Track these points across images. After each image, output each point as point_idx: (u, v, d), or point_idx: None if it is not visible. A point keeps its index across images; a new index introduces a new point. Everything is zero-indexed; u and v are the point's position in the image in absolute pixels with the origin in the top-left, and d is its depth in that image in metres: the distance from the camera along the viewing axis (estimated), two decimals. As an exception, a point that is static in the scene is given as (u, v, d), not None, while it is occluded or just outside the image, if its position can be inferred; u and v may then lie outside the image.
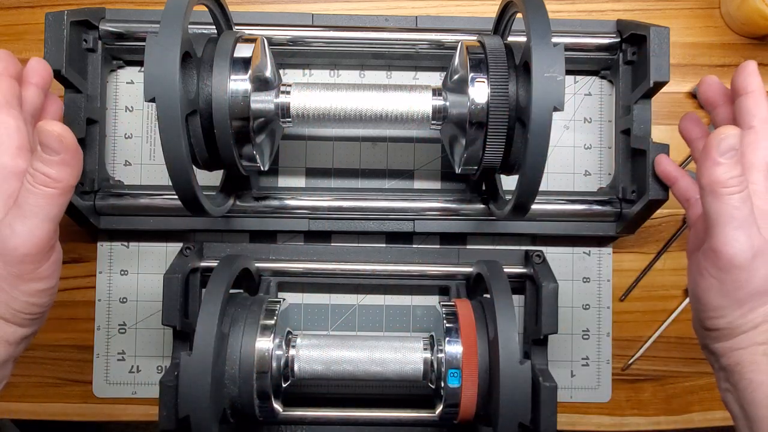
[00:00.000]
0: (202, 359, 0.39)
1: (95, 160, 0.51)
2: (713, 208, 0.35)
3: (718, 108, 0.43)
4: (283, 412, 0.46)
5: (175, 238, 0.54)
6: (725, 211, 0.35)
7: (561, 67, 0.37)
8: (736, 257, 0.35)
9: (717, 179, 0.35)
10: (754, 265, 0.36)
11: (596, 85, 0.55)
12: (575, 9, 0.56)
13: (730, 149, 0.34)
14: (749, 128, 0.38)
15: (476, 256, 0.53)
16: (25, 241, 0.35)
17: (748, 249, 0.35)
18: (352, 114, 0.44)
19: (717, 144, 0.34)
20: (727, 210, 0.35)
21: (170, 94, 0.36)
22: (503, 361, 0.40)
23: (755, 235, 0.35)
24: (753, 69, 0.39)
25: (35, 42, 0.54)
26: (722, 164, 0.34)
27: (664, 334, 0.55)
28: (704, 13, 0.56)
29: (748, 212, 0.35)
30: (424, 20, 0.52)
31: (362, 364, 0.45)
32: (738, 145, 0.35)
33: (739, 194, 0.35)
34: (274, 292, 0.52)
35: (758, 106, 0.38)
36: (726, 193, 0.35)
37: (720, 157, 0.34)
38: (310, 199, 0.52)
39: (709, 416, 0.55)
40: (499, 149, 0.43)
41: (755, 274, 0.36)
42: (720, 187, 0.35)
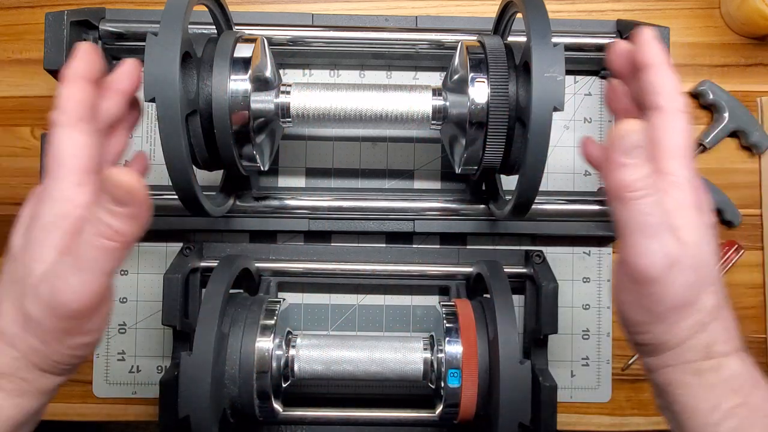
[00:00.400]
0: (202, 359, 0.39)
1: (95, 160, 0.51)
2: (622, 215, 0.31)
3: (628, 79, 0.37)
4: (283, 412, 0.46)
5: (175, 238, 0.54)
6: (635, 218, 0.31)
7: (561, 67, 0.37)
8: (649, 270, 0.31)
9: (622, 183, 0.30)
10: (671, 277, 0.31)
11: (596, 85, 0.55)
12: (575, 9, 0.56)
13: (634, 147, 0.30)
14: (656, 108, 0.33)
15: (476, 256, 0.53)
16: (79, 296, 0.31)
17: (662, 259, 0.31)
18: (352, 114, 0.44)
19: (618, 143, 0.30)
20: (637, 217, 0.30)
21: (170, 94, 0.36)
22: (503, 361, 0.40)
23: (670, 243, 0.31)
24: (650, 37, 0.34)
25: (35, 42, 0.54)
26: (627, 165, 0.30)
27: (664, 334, 0.55)
28: (704, 13, 0.56)
29: (661, 217, 0.31)
30: (424, 20, 0.52)
31: (362, 364, 0.45)
32: (643, 140, 0.30)
33: (650, 198, 0.30)
34: (274, 292, 0.52)
35: (663, 82, 0.33)
36: (634, 198, 0.30)
37: (623, 157, 0.30)
38: (310, 199, 0.52)
39: (709, 416, 0.55)
40: (499, 149, 0.43)
41: (673, 286, 0.31)
42: (627, 192, 0.30)
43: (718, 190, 0.55)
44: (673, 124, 0.32)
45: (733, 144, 0.56)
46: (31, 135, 0.54)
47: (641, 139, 0.30)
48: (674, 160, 0.32)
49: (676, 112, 0.33)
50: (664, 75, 0.33)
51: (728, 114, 0.54)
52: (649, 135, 0.32)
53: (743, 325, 0.55)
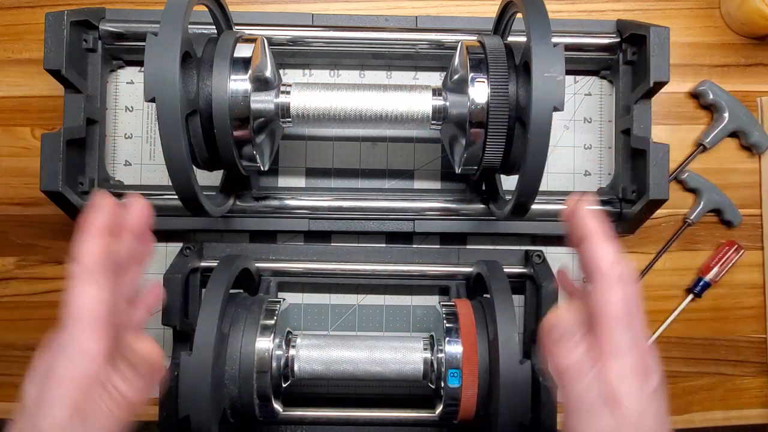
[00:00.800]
0: (202, 359, 0.39)
1: (95, 160, 0.51)
2: (563, 393, 0.33)
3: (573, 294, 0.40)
4: (283, 412, 0.46)
5: (175, 238, 0.54)
6: (574, 397, 0.32)
7: (561, 67, 0.37)
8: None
9: (559, 367, 0.33)
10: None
11: (596, 85, 0.55)
12: (575, 9, 0.56)
13: (564, 334, 0.33)
14: (595, 279, 0.34)
15: (476, 256, 0.53)
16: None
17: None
18: (352, 114, 0.44)
19: (549, 331, 0.33)
20: (576, 396, 0.32)
21: (170, 94, 0.36)
22: (503, 361, 0.40)
23: (607, 420, 0.32)
24: (585, 211, 0.36)
25: (35, 42, 0.54)
26: (559, 352, 0.33)
27: (664, 334, 0.55)
28: (704, 13, 0.56)
29: (600, 394, 0.32)
30: (424, 20, 0.52)
31: (362, 364, 0.45)
32: (572, 327, 0.33)
33: (586, 379, 0.32)
34: (274, 292, 0.52)
35: (599, 252, 0.34)
36: (571, 381, 0.32)
37: (556, 344, 0.33)
38: (310, 199, 0.52)
39: (709, 416, 0.55)
40: (499, 149, 0.43)
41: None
42: (564, 375, 0.32)
43: (718, 190, 0.55)
44: (611, 293, 0.33)
45: (733, 144, 0.56)
46: (31, 135, 0.54)
47: (571, 325, 0.33)
48: (615, 329, 0.33)
49: (613, 281, 0.33)
50: (600, 246, 0.34)
51: (728, 114, 0.54)
52: (594, 305, 0.34)
53: (743, 325, 0.56)
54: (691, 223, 0.55)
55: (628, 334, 0.33)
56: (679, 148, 0.55)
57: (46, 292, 0.54)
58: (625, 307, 0.33)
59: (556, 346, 0.33)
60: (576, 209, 0.36)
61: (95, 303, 0.33)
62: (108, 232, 0.35)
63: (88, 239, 0.34)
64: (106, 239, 0.35)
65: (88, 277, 0.34)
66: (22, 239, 0.54)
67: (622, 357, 0.33)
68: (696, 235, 0.56)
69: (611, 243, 0.35)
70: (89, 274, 0.34)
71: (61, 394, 0.32)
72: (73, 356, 0.32)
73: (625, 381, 0.32)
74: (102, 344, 0.33)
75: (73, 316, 0.33)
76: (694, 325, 0.56)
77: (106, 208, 0.35)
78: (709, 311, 0.56)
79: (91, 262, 0.34)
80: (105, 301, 0.34)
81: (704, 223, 0.56)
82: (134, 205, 0.37)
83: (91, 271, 0.34)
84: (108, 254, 0.35)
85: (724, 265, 0.54)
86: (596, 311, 0.34)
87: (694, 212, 0.55)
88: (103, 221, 0.35)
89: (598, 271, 0.34)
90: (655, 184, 0.47)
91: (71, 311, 0.33)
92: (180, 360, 0.39)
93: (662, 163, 0.47)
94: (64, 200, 0.47)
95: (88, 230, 0.34)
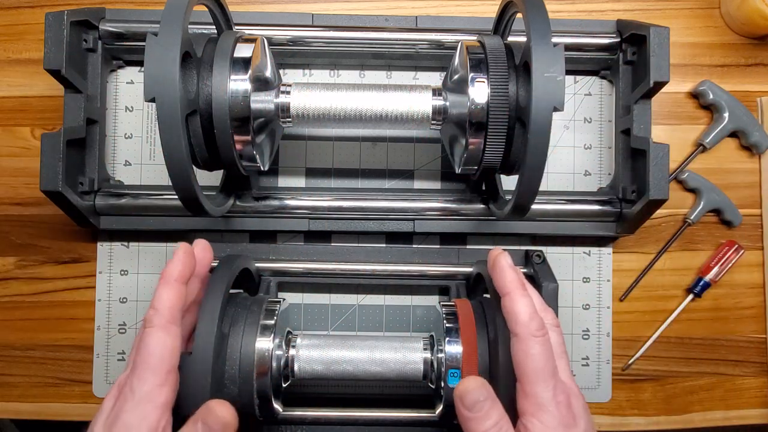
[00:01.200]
0: (202, 359, 0.39)
1: (95, 160, 0.51)
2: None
3: None
4: (283, 412, 0.46)
5: (175, 238, 0.54)
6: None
7: (561, 67, 0.37)
8: None
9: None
10: None
11: (596, 85, 0.55)
12: (575, 9, 0.56)
13: (474, 402, 0.34)
14: (514, 336, 0.36)
15: (476, 256, 0.53)
16: None
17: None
18: (352, 114, 0.44)
19: (460, 400, 0.34)
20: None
21: (170, 94, 0.36)
22: (503, 361, 0.40)
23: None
24: (503, 265, 0.38)
25: (35, 42, 0.54)
26: (472, 419, 0.34)
27: (664, 334, 0.55)
28: (704, 13, 0.56)
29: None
30: (424, 20, 0.52)
31: (362, 364, 0.45)
32: (483, 394, 0.34)
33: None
34: (274, 292, 0.52)
35: (517, 309, 0.36)
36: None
37: (469, 411, 0.34)
38: (310, 199, 0.52)
39: (709, 416, 0.55)
40: (499, 149, 0.43)
41: None
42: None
43: (718, 190, 0.55)
44: (529, 350, 0.35)
45: (733, 144, 0.56)
46: (31, 135, 0.54)
47: (481, 393, 0.34)
48: (535, 384, 0.34)
49: (529, 337, 0.35)
50: (518, 302, 0.36)
51: (728, 114, 0.54)
52: (513, 359, 0.35)
53: (743, 325, 0.56)
54: (691, 223, 0.55)
55: (550, 385, 0.34)
56: (679, 148, 0.55)
57: (46, 292, 0.54)
58: (543, 360, 0.35)
59: (468, 414, 0.34)
60: (495, 263, 0.37)
61: (167, 352, 0.35)
62: (185, 284, 0.37)
63: (165, 287, 0.36)
64: (182, 288, 0.37)
65: (162, 325, 0.35)
66: (22, 239, 0.54)
67: (544, 411, 0.34)
68: (696, 235, 0.56)
69: (528, 297, 0.36)
70: (163, 322, 0.35)
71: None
72: (141, 404, 0.34)
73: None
74: (170, 394, 0.35)
75: (145, 363, 0.34)
76: (694, 325, 0.56)
77: (186, 258, 0.37)
78: (709, 311, 0.56)
79: (167, 311, 0.36)
80: (177, 351, 0.36)
81: (704, 223, 0.56)
82: (200, 248, 0.39)
83: (166, 319, 0.35)
84: (182, 304, 0.37)
85: (724, 265, 0.54)
86: (517, 365, 0.35)
87: (694, 212, 0.55)
88: (182, 272, 0.37)
89: (517, 325, 0.36)
90: (655, 184, 0.47)
91: (144, 358, 0.35)
92: (180, 360, 0.39)
93: (662, 163, 0.47)
94: (64, 200, 0.47)
95: (167, 279, 0.36)
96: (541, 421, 0.34)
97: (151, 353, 0.35)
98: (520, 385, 0.35)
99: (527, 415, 0.34)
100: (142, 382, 0.34)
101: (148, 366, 0.34)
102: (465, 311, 0.45)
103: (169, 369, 0.35)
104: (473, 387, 0.34)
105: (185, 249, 0.37)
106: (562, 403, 0.35)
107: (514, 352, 0.36)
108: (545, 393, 0.34)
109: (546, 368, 0.35)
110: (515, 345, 0.36)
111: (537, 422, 0.34)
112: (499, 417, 0.34)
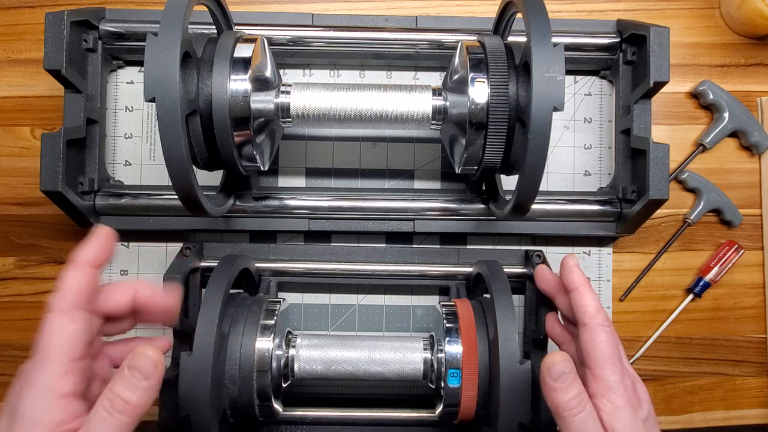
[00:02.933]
0: (202, 359, 0.39)
1: (95, 160, 0.51)
2: (562, 427, 0.36)
3: (556, 297, 0.45)
4: (283, 412, 0.46)
5: (175, 238, 0.54)
6: (571, 430, 0.35)
7: (561, 67, 0.37)
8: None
9: (557, 404, 0.35)
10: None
11: (596, 85, 0.55)
12: (575, 9, 0.56)
13: (560, 374, 0.35)
14: (583, 325, 0.39)
15: (476, 256, 0.53)
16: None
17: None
18: (352, 114, 0.44)
19: (547, 371, 0.35)
20: (573, 429, 0.35)
21: (170, 94, 0.36)
22: (503, 361, 0.40)
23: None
24: (572, 265, 0.41)
25: (35, 42, 0.54)
26: (558, 389, 0.35)
27: (664, 334, 0.55)
28: (704, 13, 0.56)
29: (594, 428, 0.35)
30: (424, 20, 0.52)
31: (362, 364, 0.45)
32: (568, 367, 0.35)
33: (581, 414, 0.35)
34: (274, 292, 0.52)
35: (585, 302, 0.39)
36: (569, 416, 0.35)
37: (554, 382, 0.35)
38: (310, 199, 0.52)
39: (709, 416, 0.55)
40: (499, 149, 0.43)
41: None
42: (562, 411, 0.35)
43: (718, 190, 0.55)
44: (598, 337, 0.38)
45: (733, 144, 0.56)
46: (31, 135, 0.54)
47: (566, 366, 0.35)
48: (604, 368, 0.37)
49: (598, 326, 0.38)
50: (586, 296, 0.40)
51: (728, 114, 0.54)
52: (582, 346, 0.38)
53: (743, 325, 0.56)
54: (691, 223, 0.55)
55: (618, 370, 0.37)
56: (679, 148, 0.55)
57: (46, 292, 0.54)
58: (611, 347, 0.38)
59: (553, 384, 0.35)
60: (564, 264, 0.42)
61: (69, 337, 0.32)
62: (97, 266, 0.34)
63: (74, 270, 0.34)
64: (93, 273, 0.34)
65: (65, 310, 0.33)
66: (22, 239, 0.54)
67: (613, 392, 0.36)
68: (696, 235, 0.56)
69: (594, 292, 0.40)
70: (67, 306, 0.33)
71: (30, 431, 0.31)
72: (41, 395, 0.31)
73: (618, 414, 0.36)
74: (77, 384, 0.32)
75: (45, 351, 0.32)
76: (694, 325, 0.56)
77: (104, 243, 0.35)
78: (709, 311, 0.56)
79: (71, 295, 0.33)
80: (80, 335, 0.33)
81: (704, 223, 0.56)
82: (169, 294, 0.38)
83: (69, 303, 0.33)
84: (92, 292, 0.34)
85: (724, 265, 0.54)
86: (586, 352, 0.38)
87: (694, 212, 0.55)
88: (92, 254, 0.34)
89: (586, 316, 0.39)
90: (655, 184, 0.47)
91: (43, 344, 0.32)
92: (180, 360, 0.39)
93: (662, 163, 0.47)
94: (64, 200, 0.47)
95: (75, 262, 0.34)
96: (611, 401, 0.36)
97: (52, 340, 0.32)
98: (590, 370, 0.37)
99: (597, 396, 0.36)
100: (41, 371, 0.32)
101: (48, 354, 0.32)
102: (465, 311, 0.45)
103: (74, 357, 0.32)
104: (560, 360, 0.35)
105: (105, 232, 0.35)
106: (629, 386, 0.37)
107: (584, 341, 0.38)
108: (613, 376, 0.37)
109: (614, 354, 0.37)
110: (584, 334, 0.38)
111: (608, 402, 0.36)
112: (580, 389, 0.36)
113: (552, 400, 0.36)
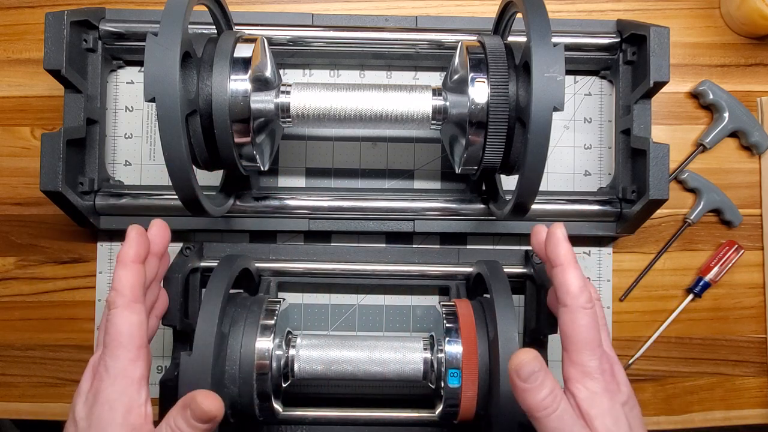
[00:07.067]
0: (202, 359, 0.39)
1: (95, 160, 0.51)
2: (538, 428, 0.34)
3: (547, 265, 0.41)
4: (283, 412, 0.46)
5: (175, 238, 0.54)
6: (549, 428, 0.34)
7: (561, 67, 0.37)
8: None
9: (530, 405, 0.34)
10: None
11: (596, 85, 0.55)
12: (575, 9, 0.56)
13: (530, 374, 0.34)
14: (564, 306, 0.37)
15: (476, 256, 0.53)
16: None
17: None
18: (352, 114, 0.44)
19: (516, 373, 0.34)
20: (551, 428, 0.34)
21: (170, 94, 0.36)
22: (503, 361, 0.40)
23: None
24: (559, 236, 0.38)
25: (35, 42, 0.54)
26: (528, 390, 0.34)
27: (664, 334, 0.55)
28: (704, 13, 0.56)
29: (571, 420, 0.34)
30: (424, 20, 0.52)
31: (362, 364, 0.45)
32: (537, 365, 0.34)
33: (555, 412, 0.34)
34: (274, 292, 0.52)
35: (568, 281, 0.37)
36: (543, 416, 0.34)
37: (524, 383, 0.34)
38: (310, 199, 0.52)
39: (709, 416, 0.55)
40: (499, 149, 0.43)
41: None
42: (535, 412, 0.34)
43: (718, 190, 0.55)
44: (578, 320, 0.36)
45: (733, 144, 0.56)
46: (31, 135, 0.54)
47: (535, 365, 0.34)
48: (582, 352, 0.36)
49: (579, 309, 0.36)
50: (570, 273, 0.37)
51: (728, 114, 0.54)
52: (561, 328, 0.37)
53: (743, 325, 0.56)
54: (691, 223, 0.55)
55: (596, 354, 0.36)
56: (679, 148, 0.55)
57: (46, 292, 0.54)
58: (591, 331, 0.36)
59: (524, 386, 0.34)
60: (551, 234, 0.38)
61: (135, 329, 0.36)
62: (141, 261, 0.38)
63: (123, 269, 0.37)
64: (140, 268, 0.38)
65: (126, 305, 0.36)
66: (22, 239, 0.54)
67: (590, 378, 0.35)
68: (696, 235, 0.56)
69: (579, 270, 0.38)
70: (127, 301, 0.36)
71: (113, 416, 0.34)
72: (117, 380, 0.35)
73: (595, 401, 0.35)
74: (144, 369, 0.36)
75: (116, 341, 0.36)
76: (694, 325, 0.56)
77: (139, 239, 0.38)
78: (709, 311, 0.56)
79: (128, 291, 0.37)
80: (143, 326, 0.37)
81: (704, 223, 0.56)
82: (151, 230, 0.40)
83: (128, 298, 0.36)
84: (142, 282, 0.38)
85: (724, 265, 0.54)
86: (565, 335, 0.36)
87: (694, 212, 0.55)
88: (137, 252, 0.38)
89: (567, 296, 0.36)
90: (655, 184, 0.47)
91: (114, 337, 0.36)
92: (180, 360, 0.39)
93: (662, 163, 0.47)
94: (64, 200, 0.47)
95: (123, 261, 0.37)
96: (587, 387, 0.35)
97: (120, 332, 0.36)
98: (567, 353, 0.36)
99: (573, 381, 0.35)
100: (115, 360, 0.35)
101: (119, 344, 0.35)
102: (465, 311, 0.45)
103: (139, 344, 0.36)
104: (528, 359, 0.34)
105: (137, 230, 0.38)
106: (607, 371, 0.36)
107: (563, 322, 0.37)
108: (591, 362, 0.35)
109: (594, 339, 0.36)
110: (564, 315, 0.37)
111: (583, 388, 0.35)
112: (553, 385, 0.34)
113: (524, 402, 0.34)
